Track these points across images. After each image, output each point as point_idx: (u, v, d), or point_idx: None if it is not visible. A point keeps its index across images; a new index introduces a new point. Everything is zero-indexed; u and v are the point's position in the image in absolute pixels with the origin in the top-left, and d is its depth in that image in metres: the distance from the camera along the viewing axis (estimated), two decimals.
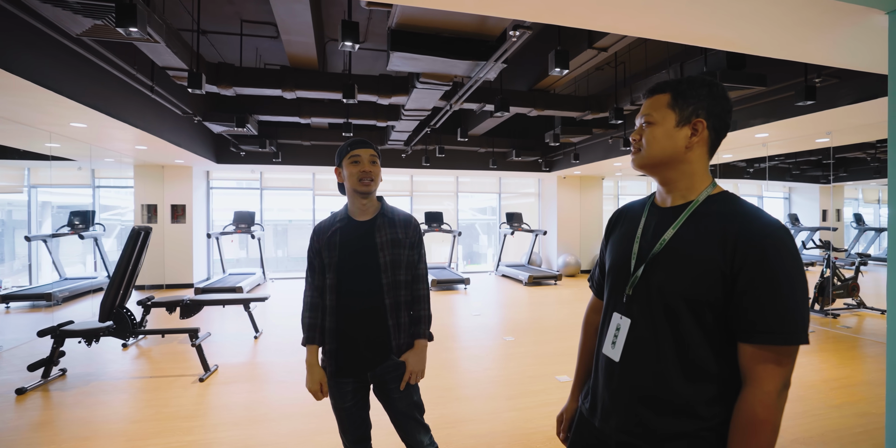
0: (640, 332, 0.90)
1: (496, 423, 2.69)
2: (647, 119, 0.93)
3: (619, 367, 0.93)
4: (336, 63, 5.70)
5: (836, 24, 2.22)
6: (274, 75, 4.34)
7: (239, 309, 5.82)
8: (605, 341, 0.98)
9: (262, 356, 4.02)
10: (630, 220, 1.03)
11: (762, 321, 0.77)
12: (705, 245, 0.83)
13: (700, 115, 0.89)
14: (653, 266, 0.90)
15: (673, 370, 0.85)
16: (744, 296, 0.79)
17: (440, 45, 3.52)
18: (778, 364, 0.77)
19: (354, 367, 1.51)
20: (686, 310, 0.84)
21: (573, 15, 2.12)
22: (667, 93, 0.92)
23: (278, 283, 8.30)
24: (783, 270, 0.77)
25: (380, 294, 1.51)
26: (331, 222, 1.57)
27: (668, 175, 0.93)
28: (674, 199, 0.93)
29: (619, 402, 0.93)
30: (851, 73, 3.46)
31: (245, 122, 4.85)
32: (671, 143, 0.90)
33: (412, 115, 5.36)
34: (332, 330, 1.51)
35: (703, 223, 0.86)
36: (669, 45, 4.52)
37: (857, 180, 8.68)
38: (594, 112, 5.38)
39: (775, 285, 0.77)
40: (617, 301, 0.97)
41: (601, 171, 8.91)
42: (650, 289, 0.89)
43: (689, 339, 0.84)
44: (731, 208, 0.86)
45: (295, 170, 8.50)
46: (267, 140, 6.24)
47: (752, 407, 0.77)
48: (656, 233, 0.92)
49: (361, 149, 1.51)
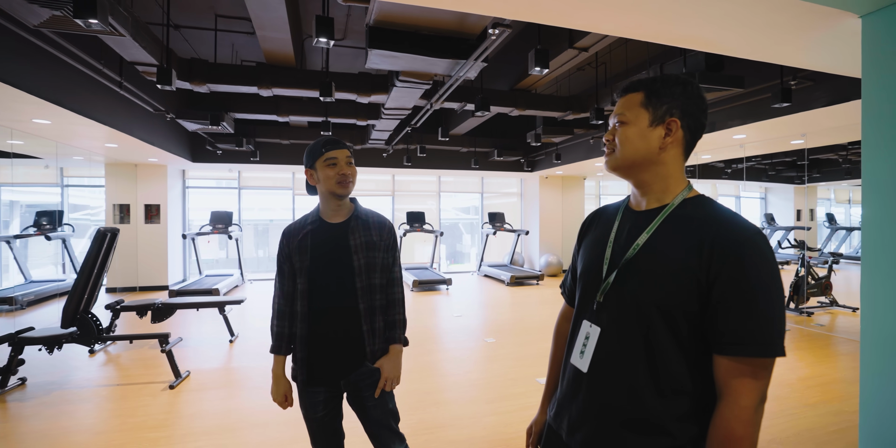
0: (611, 341, 0.86)
1: (476, 429, 2.64)
2: (620, 118, 0.89)
3: (588, 379, 0.88)
4: (315, 60, 5.58)
5: (811, 27, 2.23)
6: (250, 72, 4.22)
7: (214, 312, 5.66)
8: (573, 350, 0.94)
9: (237, 361, 3.90)
10: (603, 224, 0.99)
11: (738, 332, 0.74)
12: (680, 251, 0.80)
13: (674, 115, 0.86)
14: (625, 272, 0.86)
15: (644, 383, 0.81)
16: (719, 305, 0.75)
17: (419, 43, 3.45)
18: (754, 377, 0.74)
19: (327, 374, 1.45)
20: (659, 319, 0.80)
21: (552, 13, 2.08)
22: (640, 91, 0.88)
23: (257, 285, 8.13)
24: (760, 280, 0.74)
25: (354, 298, 1.45)
26: (301, 225, 1.50)
27: (641, 177, 0.89)
28: (648, 202, 0.90)
29: (586, 416, 0.88)
30: (825, 76, 3.52)
31: (220, 120, 4.70)
32: (644, 143, 0.86)
33: (392, 114, 5.28)
34: (304, 337, 1.45)
35: (678, 228, 0.83)
36: (650, 47, 4.54)
37: (829, 181, 8.93)
38: (576, 112, 5.38)
39: (752, 295, 0.74)
40: (587, 308, 0.93)
41: (583, 171, 8.96)
42: (622, 296, 0.85)
43: (662, 351, 0.80)
44: (707, 213, 0.82)
45: (274, 169, 8.33)
46: (244, 138, 6.08)
47: (729, 423, 0.74)
48: (630, 237, 0.88)
49: (337, 150, 1.44)
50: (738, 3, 1.99)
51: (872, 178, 2.09)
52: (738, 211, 1.62)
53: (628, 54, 4.89)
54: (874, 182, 2.08)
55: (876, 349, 2.08)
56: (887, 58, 2.04)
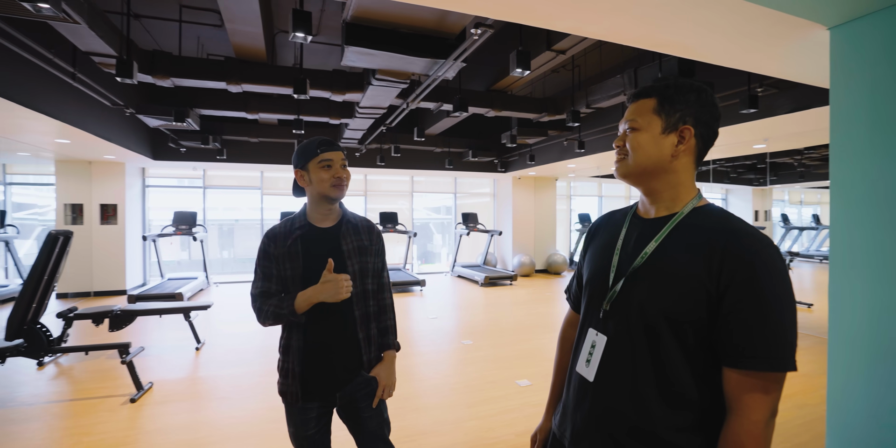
0: (617, 350, 0.84)
1: (458, 435, 2.60)
2: (631, 124, 0.87)
3: (593, 388, 0.87)
4: (286, 56, 5.39)
5: (782, 37, 2.31)
6: (218, 67, 4.02)
7: (179, 318, 5.39)
8: (579, 359, 0.92)
9: (205, 370, 3.71)
10: (610, 231, 0.97)
11: (750, 345, 0.72)
12: (690, 260, 0.78)
13: (687, 122, 0.84)
14: (633, 280, 0.84)
15: (650, 394, 0.79)
16: (730, 317, 0.73)
17: (397, 41, 3.38)
18: (765, 392, 0.72)
19: (324, 388, 1.37)
20: (667, 329, 0.78)
21: (539, 15, 2.06)
22: (653, 97, 0.86)
23: (224, 288, 7.80)
24: (772, 291, 0.72)
25: (349, 305, 1.38)
26: (288, 229, 1.40)
27: (652, 185, 0.88)
28: (657, 210, 0.89)
29: (591, 425, 0.87)
30: (789, 84, 3.68)
31: (185, 117, 4.46)
32: (657, 150, 0.85)
33: (367, 112, 5.17)
34: (299, 349, 1.36)
35: (687, 237, 0.81)
36: (624, 50, 4.63)
37: (784, 183, 9.43)
38: (551, 114, 5.43)
39: (764, 307, 0.72)
40: (593, 316, 0.91)
41: (555, 172, 9.08)
42: (629, 305, 0.83)
43: (669, 361, 0.78)
44: (718, 221, 0.81)
45: (242, 167, 8.02)
46: (210, 136, 5.80)
47: (740, 438, 0.72)
48: (637, 245, 0.87)
49: (333, 152, 1.36)
50: (716, 11, 2.02)
51: (840, 182, 2.18)
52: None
53: (602, 58, 4.97)
54: (842, 186, 2.17)
55: (843, 344, 2.17)
56: (854, 69, 2.13)
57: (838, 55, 2.21)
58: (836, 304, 2.20)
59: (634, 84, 4.15)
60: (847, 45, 2.17)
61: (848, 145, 2.17)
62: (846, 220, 2.18)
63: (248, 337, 4.72)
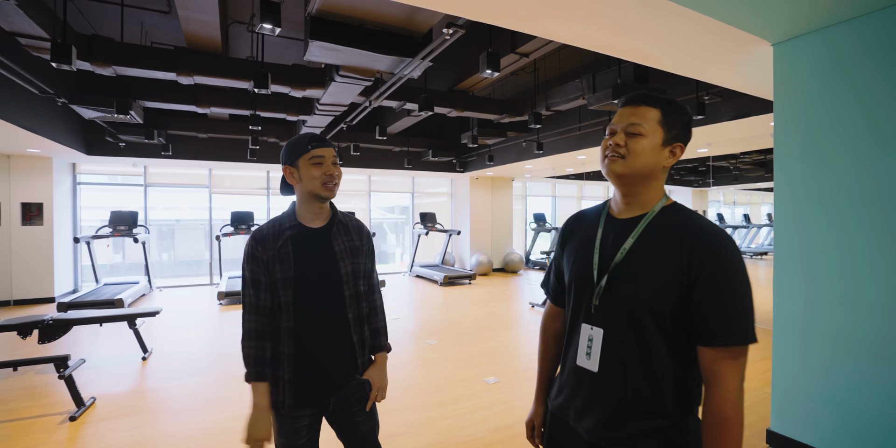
0: (612, 340, 0.93)
1: (432, 435, 2.59)
2: (637, 129, 0.92)
3: (598, 377, 0.95)
4: (239, 48, 5.13)
5: (734, 50, 2.49)
6: (168, 56, 3.74)
7: (119, 326, 4.99)
8: (577, 354, 0.99)
9: (155, 381, 3.46)
10: (586, 230, 1.04)
11: (720, 326, 0.84)
12: (662, 255, 0.89)
13: (680, 140, 0.94)
14: (616, 275, 0.93)
15: (640, 374, 0.90)
16: (701, 304, 0.85)
17: (363, 38, 3.31)
18: (735, 362, 0.84)
19: (317, 394, 1.31)
20: (649, 317, 0.89)
21: (514, 17, 2.10)
22: (657, 108, 0.93)
23: (168, 293, 7.31)
24: (734, 280, 0.84)
25: (343, 308, 1.33)
26: (277, 230, 1.32)
27: (638, 188, 0.95)
28: (631, 210, 0.97)
29: (595, 407, 0.95)
30: (732, 94, 3.98)
31: (128, 109, 4.12)
32: (655, 159, 0.93)
33: (327, 109, 5.03)
34: (291, 355, 1.29)
35: (659, 233, 0.91)
36: (582, 55, 4.81)
37: (721, 185, 10.22)
38: (511, 115, 5.54)
39: (729, 294, 0.84)
40: (584, 312, 0.98)
41: (512, 172, 9.28)
42: (615, 298, 0.92)
43: (652, 344, 0.89)
44: (684, 220, 0.91)
45: (188, 165, 7.55)
46: (155, 130, 5.40)
47: (721, 406, 0.84)
48: (615, 243, 0.95)
49: (324, 148, 1.30)
50: (678, 23, 2.15)
51: (783, 184, 2.38)
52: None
53: (561, 62, 5.13)
54: (785, 188, 2.37)
55: (785, 331, 2.38)
56: (793, 82, 2.34)
57: (780, 69, 2.41)
58: (780, 294, 2.41)
59: (593, 89, 4.32)
60: (788, 61, 2.38)
61: (787, 151, 2.38)
62: (786, 218, 2.38)
63: (199, 344, 4.45)
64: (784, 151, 2.37)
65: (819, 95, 2.23)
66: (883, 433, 2.00)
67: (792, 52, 2.34)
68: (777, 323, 2.41)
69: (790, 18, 2.11)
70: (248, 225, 7.52)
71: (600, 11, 2.03)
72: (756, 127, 4.35)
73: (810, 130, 2.26)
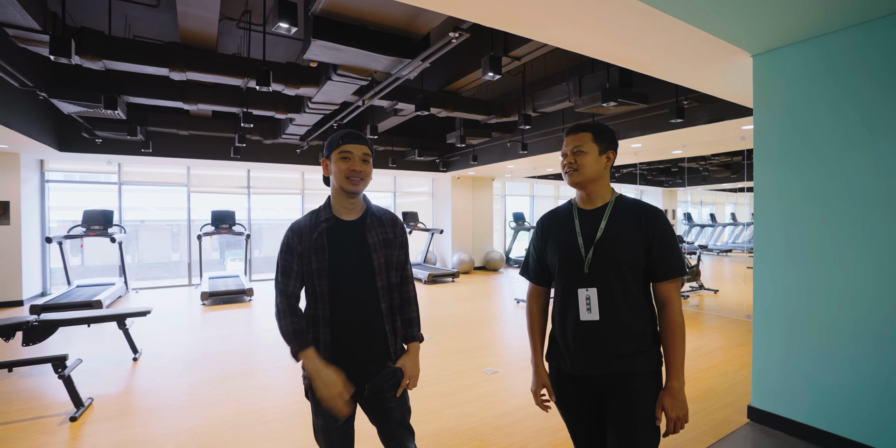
0: (604, 294, 1.29)
1: (441, 422, 2.70)
2: (579, 149, 1.33)
3: (600, 325, 1.28)
4: (226, 45, 5.07)
5: (719, 60, 2.71)
6: (161, 51, 3.69)
7: (101, 328, 4.85)
8: (578, 311, 1.31)
9: (152, 380, 3.41)
10: (562, 222, 1.41)
11: (670, 265, 1.29)
12: (628, 227, 1.30)
13: (611, 148, 1.36)
14: (599, 248, 1.31)
15: (626, 311, 1.28)
16: (660, 252, 1.29)
17: (365, 38, 3.38)
18: (677, 288, 1.31)
19: (353, 381, 1.38)
20: (627, 270, 1.28)
21: (526, 24, 2.23)
22: (588, 132, 1.34)
23: (145, 294, 7.10)
24: (672, 238, 1.31)
25: (376, 298, 1.41)
26: (314, 222, 1.41)
27: (592, 187, 1.35)
28: (594, 203, 1.37)
29: (602, 348, 1.28)
30: (708, 98, 4.26)
31: (115, 104, 4.02)
32: (597, 165, 1.33)
33: (318, 108, 5.05)
34: (328, 343, 1.37)
35: (621, 214, 1.33)
36: (569, 58, 5.01)
37: (691, 186, 10.74)
38: (499, 116, 5.70)
39: (672, 245, 1.30)
40: (576, 280, 1.32)
41: (493, 172, 9.46)
42: (601, 263, 1.29)
43: (631, 289, 1.29)
44: (633, 203, 1.36)
45: (165, 162, 7.35)
46: (138, 126, 5.26)
47: (674, 317, 1.28)
48: (592, 226, 1.34)
49: (353, 144, 1.38)
50: (672, 34, 2.34)
51: (762, 182, 2.62)
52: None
53: (547, 65, 5.33)
54: (764, 186, 2.60)
55: (765, 317, 2.61)
56: (772, 90, 2.57)
57: (759, 78, 2.65)
58: (760, 283, 2.65)
59: (579, 92, 4.52)
60: (766, 70, 2.61)
61: (766, 153, 2.61)
62: (765, 214, 2.62)
63: (190, 343, 4.39)
64: (763, 153, 2.60)
65: (794, 102, 2.47)
66: (851, 404, 2.24)
67: (770, 62, 2.58)
68: (757, 309, 2.65)
69: (768, 32, 2.34)
70: (230, 224, 7.38)
71: (605, 21, 2.19)
72: (729, 130, 4.67)
73: (786, 134, 2.50)
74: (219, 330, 4.96)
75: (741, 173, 9.29)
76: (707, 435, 2.49)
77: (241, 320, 5.47)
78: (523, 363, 3.78)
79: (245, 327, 5.12)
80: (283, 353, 4.05)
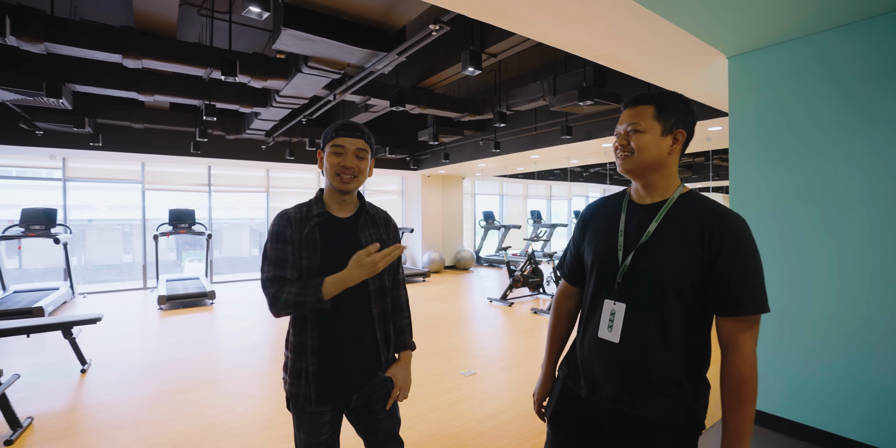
0: (634, 314, 1.01)
1: (422, 428, 2.61)
2: (635, 127, 1.03)
3: (619, 348, 1.02)
4: (185, 32, 4.76)
5: (695, 60, 2.75)
6: (113, 36, 3.39)
7: (42, 338, 4.46)
8: (599, 327, 1.06)
9: (102, 395, 3.13)
10: (607, 216, 1.13)
11: (740, 298, 0.95)
12: (685, 236, 0.98)
13: (680, 127, 1.03)
14: (641, 255, 1.02)
15: (658, 343, 0.99)
16: (722, 278, 0.95)
17: (338, 29, 3.23)
18: (752, 330, 0.96)
19: (340, 391, 1.28)
20: (671, 290, 0.98)
21: (513, 18, 2.17)
22: (650, 105, 1.03)
23: (94, 299, 6.60)
24: (752, 257, 0.96)
25: (367, 302, 1.31)
26: (305, 215, 1.29)
27: (652, 177, 1.06)
28: (652, 197, 1.07)
29: (613, 376, 1.03)
30: None
31: (59, 92, 3.66)
32: (658, 149, 1.02)
33: (286, 102, 4.82)
34: (315, 347, 1.25)
35: (680, 217, 1.01)
36: (543, 58, 5.02)
37: None
38: (472, 114, 5.64)
39: (748, 268, 0.95)
40: (607, 289, 1.06)
41: (464, 171, 9.43)
42: (640, 275, 1.01)
43: (671, 316, 0.99)
44: (702, 205, 1.02)
45: (117, 158, 6.86)
46: (86, 118, 4.84)
47: (740, 367, 0.95)
48: (640, 226, 1.04)
49: (347, 138, 1.26)
50: (654, 32, 2.34)
51: (738, 181, 2.67)
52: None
53: (521, 63, 5.32)
54: (740, 185, 2.66)
55: None
56: (747, 92, 2.63)
57: (734, 79, 2.70)
58: None
59: (553, 90, 4.53)
60: (741, 72, 2.67)
61: (741, 153, 2.66)
62: (741, 212, 2.67)
63: (147, 352, 4.09)
64: (738, 153, 2.66)
65: (768, 104, 2.54)
66: (823, 397, 2.32)
67: (744, 64, 2.64)
68: None
69: (744, 35, 2.38)
70: (189, 224, 6.98)
71: (591, 17, 2.16)
72: (696, 131, 4.80)
73: (761, 134, 2.56)
74: (178, 336, 4.66)
75: (702, 174, 9.68)
76: None
77: (202, 325, 5.17)
78: (501, 364, 3.74)
79: (207, 333, 4.83)
80: (250, 360, 3.83)
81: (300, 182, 9.55)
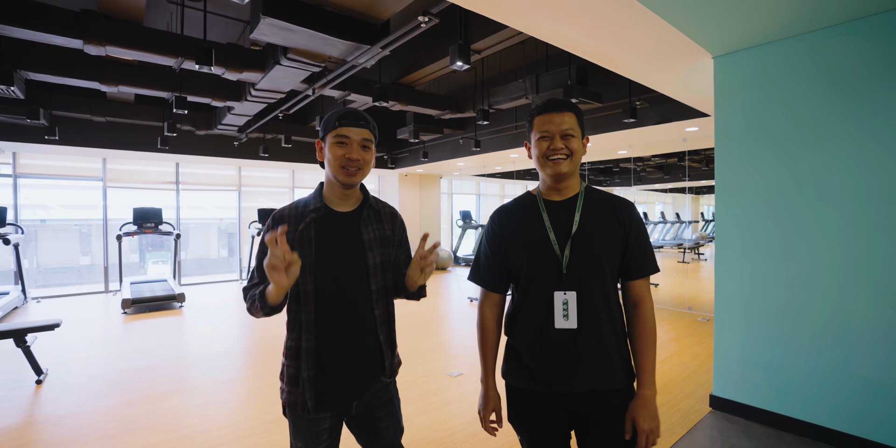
0: (585, 297, 1.12)
1: (412, 431, 2.53)
2: (570, 132, 1.14)
3: (578, 334, 1.11)
4: (153, 20, 4.50)
5: (682, 59, 2.78)
6: (73, 19, 3.14)
7: None
8: (554, 318, 1.12)
9: (60, 407, 2.90)
10: (525, 216, 1.20)
11: (647, 262, 1.17)
12: (606, 220, 1.16)
13: (586, 134, 1.21)
14: (576, 244, 1.13)
15: (606, 317, 1.13)
16: (634, 248, 1.15)
17: (321, 19, 3.11)
18: (649, 287, 1.20)
19: (340, 397, 1.19)
20: (607, 269, 1.13)
21: (507, 11, 2.13)
22: (572, 112, 1.16)
23: (48, 304, 6.17)
24: (645, 229, 1.20)
25: (368, 303, 1.22)
26: (301, 211, 1.21)
27: (572, 177, 1.20)
28: (564, 193, 1.20)
29: (571, 361, 1.11)
30: (658, 100, 4.43)
31: (10, 79, 3.37)
32: (582, 152, 1.18)
33: (262, 96, 4.64)
34: (311, 351, 1.17)
35: (593, 206, 1.18)
36: (525, 56, 5.01)
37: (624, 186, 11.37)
38: (454, 112, 5.59)
39: (647, 240, 1.19)
40: (551, 282, 1.13)
41: (442, 170, 9.37)
42: (581, 262, 1.12)
43: (609, 291, 1.15)
44: (603, 194, 1.22)
45: (74, 153, 6.45)
46: (41, 109, 4.50)
47: (646, 318, 1.16)
48: (565, 219, 1.16)
49: (352, 127, 1.18)
50: (645, 29, 2.35)
51: (723, 180, 2.71)
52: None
53: (502, 61, 5.30)
54: (725, 183, 2.70)
55: (726, 308, 2.71)
56: (732, 92, 2.67)
57: (720, 79, 2.74)
58: (721, 275, 2.74)
59: (536, 89, 4.52)
60: (726, 72, 2.71)
61: (726, 152, 2.71)
62: (726, 210, 2.72)
63: (110, 360, 3.83)
64: (723, 152, 2.70)
65: (752, 103, 2.59)
66: (804, 389, 2.38)
67: (730, 64, 2.68)
68: (719, 300, 2.75)
69: (731, 34, 2.42)
70: (155, 223, 6.64)
71: (585, 12, 2.14)
72: (674, 131, 4.91)
73: (745, 134, 2.61)
74: (146, 342, 4.40)
75: (674, 174, 9.96)
76: (677, 426, 2.54)
77: (171, 330, 4.90)
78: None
79: (177, 337, 4.58)
80: (225, 365, 3.65)
81: (274, 180, 9.26)
